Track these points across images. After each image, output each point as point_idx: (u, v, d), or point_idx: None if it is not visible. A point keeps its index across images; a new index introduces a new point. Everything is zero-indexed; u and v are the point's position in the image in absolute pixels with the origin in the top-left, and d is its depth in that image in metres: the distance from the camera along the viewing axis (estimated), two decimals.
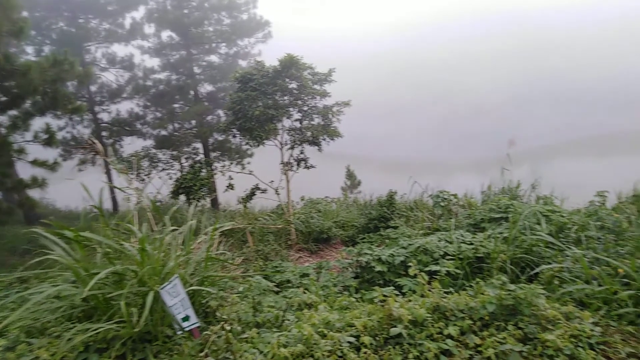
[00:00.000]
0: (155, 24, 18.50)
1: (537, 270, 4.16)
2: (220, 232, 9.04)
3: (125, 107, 19.48)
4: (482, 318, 3.02)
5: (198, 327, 3.03)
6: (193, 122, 19.20)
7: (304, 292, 3.83)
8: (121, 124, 19.24)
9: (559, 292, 3.59)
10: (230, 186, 10.68)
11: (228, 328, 2.84)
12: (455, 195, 8.20)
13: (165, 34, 19.01)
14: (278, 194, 10.47)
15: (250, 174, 10.95)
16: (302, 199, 13.21)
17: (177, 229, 3.64)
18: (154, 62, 19.55)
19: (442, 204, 7.95)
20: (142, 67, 19.49)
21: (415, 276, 3.76)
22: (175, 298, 2.98)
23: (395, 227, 8.91)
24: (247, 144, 11.17)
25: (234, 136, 11.16)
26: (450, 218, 7.38)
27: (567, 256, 4.16)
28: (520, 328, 2.93)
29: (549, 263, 4.30)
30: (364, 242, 9.15)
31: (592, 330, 2.93)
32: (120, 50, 19.29)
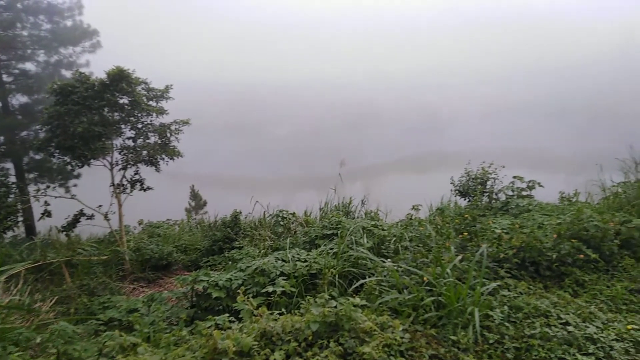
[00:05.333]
0: None
1: (361, 282, 4.48)
2: (31, 268, 7.75)
3: None
4: (307, 338, 3.09)
5: None
6: (1, 138, 16.18)
7: (121, 335, 3.41)
8: None
9: (377, 303, 3.91)
10: (47, 213, 9.20)
11: None
12: (293, 214, 8.48)
13: None
14: (108, 220, 9.41)
15: (72, 198, 9.62)
16: (140, 223, 12.16)
17: None
18: None
19: (281, 222, 8.13)
20: None
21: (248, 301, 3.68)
22: None
23: (240, 248, 8.80)
24: (69, 164, 9.82)
25: (53, 155, 9.72)
26: (290, 236, 7.58)
27: (385, 267, 4.59)
28: (341, 344, 3.07)
29: (372, 275, 4.68)
30: (207, 265, 8.80)
31: (402, 337, 3.24)
32: None
